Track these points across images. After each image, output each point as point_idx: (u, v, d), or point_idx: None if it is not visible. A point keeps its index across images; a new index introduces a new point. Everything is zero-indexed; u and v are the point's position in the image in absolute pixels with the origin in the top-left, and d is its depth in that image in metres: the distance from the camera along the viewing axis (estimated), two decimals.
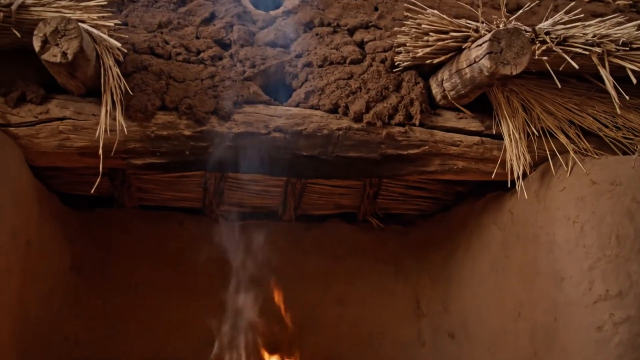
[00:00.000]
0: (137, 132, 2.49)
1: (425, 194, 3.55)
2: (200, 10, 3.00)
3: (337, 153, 2.67)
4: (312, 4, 3.15)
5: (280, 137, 2.62)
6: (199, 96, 2.58)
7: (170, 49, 2.75)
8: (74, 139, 2.46)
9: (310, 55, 2.87)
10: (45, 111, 2.44)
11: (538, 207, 2.69)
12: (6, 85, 2.46)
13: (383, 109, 2.69)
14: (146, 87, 2.52)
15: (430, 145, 2.74)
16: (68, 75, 2.31)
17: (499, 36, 2.32)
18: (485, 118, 2.82)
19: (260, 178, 3.36)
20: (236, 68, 2.76)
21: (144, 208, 3.53)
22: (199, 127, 2.55)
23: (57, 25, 2.16)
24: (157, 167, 2.58)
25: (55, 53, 2.15)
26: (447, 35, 2.54)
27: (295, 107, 2.71)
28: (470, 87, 2.55)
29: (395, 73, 2.82)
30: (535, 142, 2.75)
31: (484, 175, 2.85)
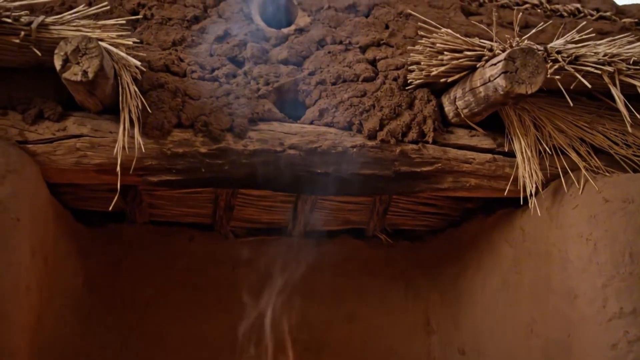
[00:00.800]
0: (154, 150, 2.50)
1: (434, 210, 3.57)
2: (214, 28, 3.02)
3: (351, 170, 2.68)
4: (324, 22, 3.18)
5: (295, 154, 2.64)
6: (215, 114, 2.60)
7: (185, 67, 2.77)
8: (91, 156, 2.47)
9: (323, 72, 2.90)
10: (62, 128, 2.45)
11: (550, 225, 2.70)
12: (24, 102, 2.47)
13: (396, 126, 2.71)
14: (162, 105, 2.54)
15: (443, 163, 2.76)
16: (87, 93, 2.32)
17: (514, 55, 2.35)
18: (497, 136, 2.84)
19: (270, 194, 3.38)
20: (250, 85, 2.78)
21: (154, 223, 3.53)
22: (214, 145, 2.56)
23: (78, 44, 2.18)
24: (172, 184, 2.59)
25: (76, 72, 2.17)
26: (461, 54, 2.57)
27: (310, 125, 2.73)
28: (484, 105, 2.57)
29: (408, 91, 2.84)
30: (547, 160, 2.77)
31: (496, 192, 2.87)
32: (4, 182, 2.13)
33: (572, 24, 3.77)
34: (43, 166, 2.44)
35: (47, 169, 2.46)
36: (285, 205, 3.51)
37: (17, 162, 2.24)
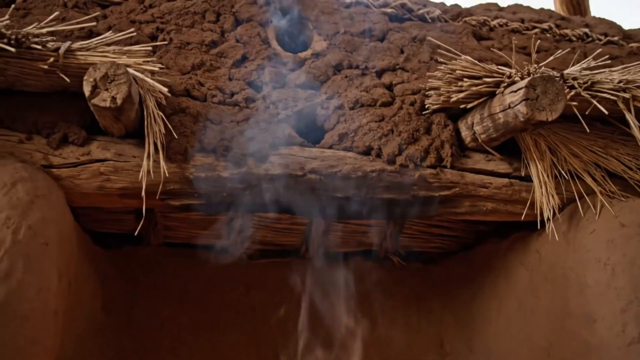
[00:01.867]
0: (176, 174, 2.52)
1: (447, 232, 3.59)
2: (232, 52, 3.05)
3: (371, 195, 2.71)
4: (340, 47, 3.21)
5: (316, 178, 2.66)
6: (236, 138, 2.63)
7: (205, 91, 2.80)
8: (115, 180, 2.49)
9: (341, 97, 2.93)
10: (86, 153, 2.47)
11: (567, 249, 2.73)
12: (49, 126, 2.49)
13: (415, 151, 2.74)
14: (185, 129, 2.57)
15: (460, 187, 2.78)
16: (113, 118, 2.35)
17: (534, 83, 2.39)
18: (513, 160, 2.88)
19: (284, 216, 3.39)
20: (270, 110, 2.81)
21: (168, 245, 3.54)
22: (236, 169, 2.59)
23: (107, 71, 2.21)
24: (194, 208, 2.61)
25: (104, 98, 2.20)
26: (480, 80, 2.61)
27: (329, 149, 2.76)
28: (503, 131, 2.61)
29: (425, 115, 2.88)
30: (562, 184, 2.80)
31: (512, 216, 2.89)
32: (33, 207, 2.14)
33: (582, 49, 3.83)
34: (67, 190, 2.46)
35: (71, 193, 2.47)
36: (298, 228, 3.52)
37: (44, 186, 2.26)
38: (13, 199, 2.12)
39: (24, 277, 1.99)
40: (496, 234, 3.34)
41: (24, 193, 2.15)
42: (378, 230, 3.56)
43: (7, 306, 1.92)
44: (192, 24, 3.15)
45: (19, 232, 2.05)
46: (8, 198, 2.11)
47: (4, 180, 2.16)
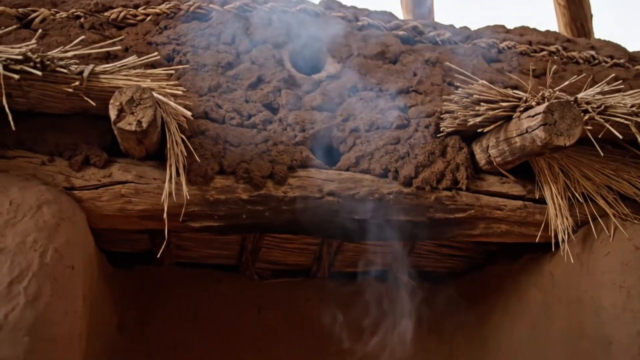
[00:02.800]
0: (197, 196, 2.53)
1: (457, 252, 3.61)
2: (247, 74, 3.08)
3: (388, 217, 2.74)
4: (354, 69, 3.25)
5: (334, 200, 2.69)
6: (255, 160, 2.65)
7: (223, 113, 2.82)
8: (136, 202, 2.50)
9: (357, 119, 2.96)
10: (108, 175, 2.49)
11: (581, 271, 2.76)
12: (70, 148, 2.51)
13: (431, 173, 2.77)
14: (205, 152, 2.58)
15: (476, 210, 2.81)
16: (136, 141, 2.37)
17: (552, 108, 2.42)
18: (527, 183, 2.91)
19: (295, 236, 3.41)
20: (287, 132, 2.84)
21: (180, 265, 3.55)
22: (256, 191, 2.61)
23: (133, 95, 2.23)
24: (214, 230, 2.62)
25: (130, 122, 2.22)
26: (497, 104, 2.64)
27: (346, 171, 2.79)
28: (519, 155, 2.64)
29: (440, 138, 2.91)
30: (576, 207, 2.83)
31: (525, 238, 2.93)
32: (59, 230, 2.15)
33: (589, 71, 3.88)
34: (88, 212, 2.46)
35: (92, 215, 2.48)
36: (310, 248, 3.54)
37: (68, 209, 2.27)
38: (39, 221, 2.13)
39: (51, 301, 2.00)
40: (507, 255, 3.37)
41: (49, 216, 2.17)
42: (389, 250, 3.58)
43: (35, 329, 1.93)
44: (207, 46, 3.17)
45: (46, 255, 2.06)
46: (34, 221, 2.12)
47: (29, 202, 2.17)
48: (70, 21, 3.18)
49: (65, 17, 3.20)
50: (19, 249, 2.04)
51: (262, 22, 3.33)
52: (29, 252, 2.04)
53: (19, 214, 2.13)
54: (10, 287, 1.96)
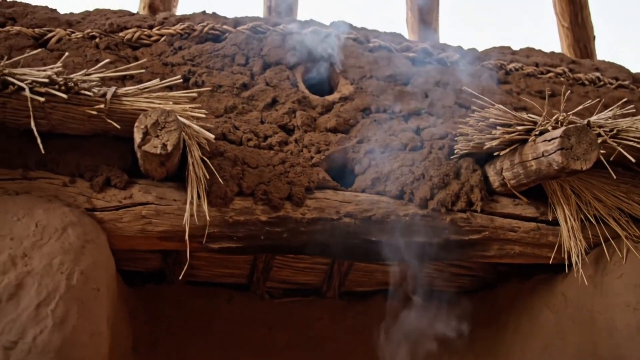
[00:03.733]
0: (217, 217, 2.55)
1: (467, 272, 3.64)
2: (262, 95, 3.12)
3: (404, 238, 2.76)
4: (367, 91, 3.29)
5: (351, 222, 2.71)
6: (273, 182, 2.67)
7: (241, 135, 2.85)
8: (156, 224, 2.52)
9: (371, 141, 2.99)
10: (129, 196, 2.51)
11: (595, 292, 2.79)
12: (91, 170, 2.52)
13: (446, 195, 2.80)
14: (224, 173, 2.60)
15: (490, 231, 2.84)
16: (159, 164, 2.39)
17: (569, 133, 2.46)
18: (540, 204, 2.95)
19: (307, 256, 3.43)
20: (303, 153, 2.87)
21: (191, 284, 3.55)
22: (274, 213, 2.63)
23: (158, 118, 2.25)
24: (232, 251, 2.64)
25: (155, 145, 2.24)
26: (512, 128, 2.68)
27: (362, 193, 2.82)
28: (534, 178, 2.68)
29: (453, 160, 2.95)
30: (588, 228, 2.87)
31: (538, 259, 2.96)
32: (84, 252, 2.16)
33: (594, 93, 3.94)
34: (109, 233, 2.48)
35: (113, 236, 2.49)
36: (320, 267, 3.55)
37: (92, 231, 2.29)
38: (65, 243, 2.15)
39: (78, 323, 2.01)
40: (517, 275, 3.40)
41: (74, 238, 2.18)
42: (399, 270, 3.60)
43: (62, 352, 1.93)
44: (222, 67, 3.21)
45: (72, 278, 2.07)
46: (60, 243, 2.14)
47: (54, 224, 2.19)
48: (86, 41, 3.21)
49: (80, 37, 3.23)
50: (46, 271, 2.05)
51: (274, 44, 3.37)
52: (55, 275, 2.05)
53: (45, 236, 2.14)
54: (38, 309, 1.97)
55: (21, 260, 2.05)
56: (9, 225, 2.13)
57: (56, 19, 3.33)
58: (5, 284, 1.98)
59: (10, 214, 2.17)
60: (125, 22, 3.38)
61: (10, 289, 1.98)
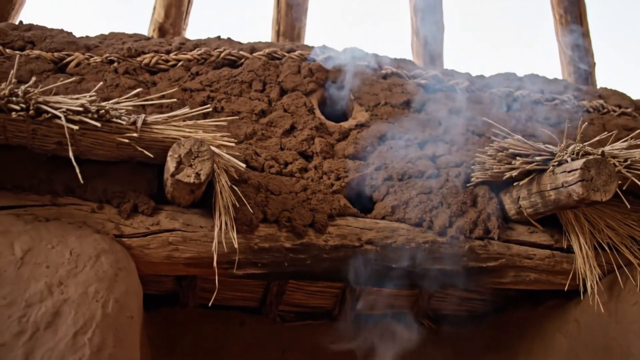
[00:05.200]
0: (242, 244, 2.58)
1: (477, 296, 3.68)
2: (281, 121, 3.16)
3: (423, 265, 2.81)
4: (382, 117, 3.34)
5: (372, 249, 2.75)
6: (297, 209, 2.71)
7: (262, 162, 2.89)
8: (182, 250, 2.54)
9: (389, 168, 3.04)
10: (156, 223, 2.53)
11: (609, 319, 2.84)
12: (118, 196, 2.55)
13: (464, 223, 2.85)
14: (249, 200, 2.63)
15: (507, 259, 2.90)
16: (189, 192, 2.42)
17: (589, 165, 2.52)
18: (554, 232, 3.00)
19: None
20: (323, 180, 2.91)
21: (204, 307, 3.56)
22: (298, 240, 2.66)
23: (191, 147, 2.29)
24: (256, 277, 2.67)
25: (189, 174, 2.27)
26: (530, 158, 2.74)
27: (382, 220, 2.86)
28: (552, 207, 2.74)
29: (469, 188, 3.00)
30: (602, 256, 2.93)
31: (553, 285, 3.01)
32: (118, 280, 2.19)
33: (599, 120, 4.02)
34: (136, 259, 2.50)
35: (140, 262, 2.51)
36: (332, 290, 3.58)
37: (123, 258, 2.31)
38: (99, 271, 2.16)
39: (114, 351, 2.02)
40: (527, 300, 3.44)
41: (108, 265, 2.20)
42: (410, 294, 3.64)
43: None
44: (240, 93, 3.25)
45: (107, 306, 2.09)
46: (95, 271, 2.16)
47: (88, 252, 2.21)
48: (104, 65, 3.24)
49: (99, 61, 3.26)
50: (82, 299, 2.07)
51: (291, 70, 3.42)
52: (91, 303, 2.07)
53: (79, 264, 2.16)
54: (76, 338, 1.98)
55: (57, 289, 2.07)
56: (44, 253, 2.15)
57: (74, 42, 3.35)
58: (43, 312, 2.00)
59: (44, 241, 2.19)
60: (143, 47, 3.41)
61: (48, 317, 2.00)
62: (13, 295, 2.01)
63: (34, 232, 2.22)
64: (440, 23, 4.79)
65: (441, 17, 4.79)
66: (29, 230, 2.22)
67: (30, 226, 2.25)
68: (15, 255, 2.11)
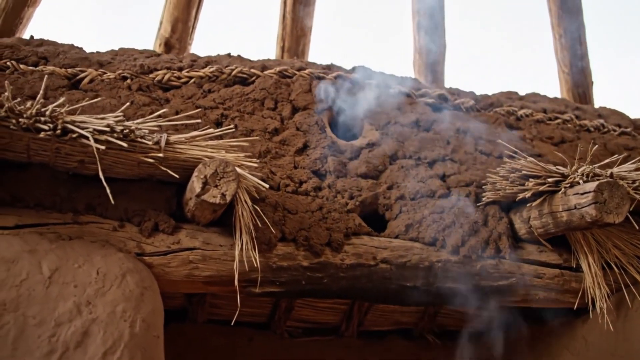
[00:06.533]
0: (261, 263, 2.60)
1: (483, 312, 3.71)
2: (294, 140, 3.19)
3: (437, 284, 2.85)
4: (392, 137, 3.39)
5: (387, 268, 2.79)
6: (314, 228, 2.74)
7: (278, 180, 2.92)
8: (202, 269, 2.56)
9: (401, 188, 3.09)
10: (177, 241, 2.55)
11: (617, 337, 2.90)
12: (139, 214, 2.57)
13: (476, 242, 2.90)
14: (267, 219, 2.66)
15: (517, 278, 2.95)
16: (212, 211, 2.44)
17: (602, 188, 2.58)
18: (562, 251, 3.06)
19: None
20: (337, 199, 2.95)
21: (212, 322, 3.58)
22: (315, 259, 2.70)
23: (217, 168, 2.32)
24: (274, 295, 2.70)
25: (215, 194, 2.30)
26: (543, 179, 2.80)
27: (395, 239, 2.90)
28: (564, 228, 2.79)
29: (480, 207, 3.05)
30: (610, 275, 2.99)
31: (561, 304, 3.07)
32: (144, 300, 2.21)
33: (600, 139, 4.09)
34: (157, 278, 2.51)
35: (161, 281, 2.52)
36: (340, 307, 3.61)
37: (147, 277, 2.33)
38: (126, 291, 2.18)
39: None
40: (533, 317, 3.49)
41: (134, 285, 2.22)
42: (417, 310, 3.68)
43: None
44: (252, 111, 3.28)
45: (135, 326, 2.11)
46: (121, 290, 2.17)
47: (114, 272, 2.23)
48: (118, 82, 3.26)
49: (113, 78, 3.28)
50: (110, 319, 2.09)
51: (302, 89, 3.46)
52: (119, 323, 2.09)
53: (106, 284, 2.18)
54: (105, 357, 2.00)
55: (86, 308, 2.09)
56: (72, 272, 2.17)
57: (87, 58, 3.37)
58: (72, 332, 2.02)
59: (71, 260, 2.20)
60: (155, 64, 3.44)
61: (78, 337, 2.01)
62: (42, 315, 2.03)
63: (60, 251, 2.23)
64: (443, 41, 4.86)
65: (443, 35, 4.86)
66: (54, 249, 2.23)
67: (56, 245, 2.26)
68: (44, 274, 2.12)
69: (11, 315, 1.99)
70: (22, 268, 2.10)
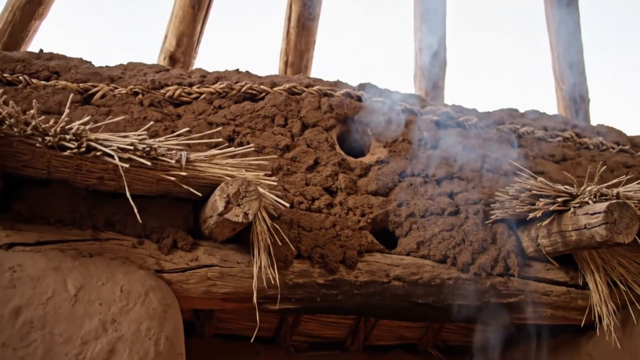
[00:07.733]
0: (278, 280, 2.63)
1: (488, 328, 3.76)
2: (304, 157, 3.23)
3: (448, 301, 2.90)
4: (400, 154, 3.44)
5: (399, 285, 2.84)
6: (328, 246, 2.78)
7: (292, 197, 2.96)
8: (220, 286, 2.59)
9: (411, 205, 3.13)
10: (195, 258, 2.57)
11: (623, 355, 2.96)
12: (157, 231, 2.59)
13: (486, 260, 2.95)
14: (283, 237, 2.69)
15: (526, 295, 3.00)
16: (232, 229, 2.47)
17: (612, 208, 2.64)
18: (569, 269, 3.12)
19: None
20: (349, 217, 2.99)
21: (219, 337, 3.59)
22: (330, 276, 2.74)
23: (239, 187, 2.35)
24: (289, 311, 2.73)
25: (237, 213, 2.33)
26: (552, 199, 2.85)
27: (407, 256, 2.95)
28: (573, 247, 2.85)
29: (488, 225, 3.10)
30: (616, 293, 3.05)
31: (567, 320, 3.12)
32: (167, 317, 2.23)
33: (600, 157, 4.17)
34: (176, 295, 2.53)
35: (179, 297, 2.54)
36: (346, 322, 3.64)
37: (169, 295, 2.35)
38: (149, 309, 2.21)
39: None
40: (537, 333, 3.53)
41: (157, 303, 2.24)
42: (422, 325, 3.72)
43: None
44: (263, 128, 3.32)
45: (159, 344, 2.13)
46: (145, 308, 2.20)
47: (137, 289, 2.25)
48: (129, 97, 3.28)
49: (124, 93, 3.29)
50: (135, 337, 2.11)
51: (312, 106, 3.50)
52: (144, 341, 2.11)
53: (130, 302, 2.20)
54: None
55: (111, 326, 2.11)
56: (96, 290, 2.18)
57: (98, 73, 3.39)
58: (99, 350, 2.04)
59: (94, 278, 2.22)
60: (166, 79, 3.46)
61: (104, 355, 2.04)
62: (69, 333, 2.05)
63: (83, 269, 2.25)
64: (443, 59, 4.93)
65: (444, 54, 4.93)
66: (77, 267, 2.25)
67: (78, 262, 2.28)
68: (69, 292, 2.14)
69: (39, 333, 2.00)
70: (47, 286, 2.12)
